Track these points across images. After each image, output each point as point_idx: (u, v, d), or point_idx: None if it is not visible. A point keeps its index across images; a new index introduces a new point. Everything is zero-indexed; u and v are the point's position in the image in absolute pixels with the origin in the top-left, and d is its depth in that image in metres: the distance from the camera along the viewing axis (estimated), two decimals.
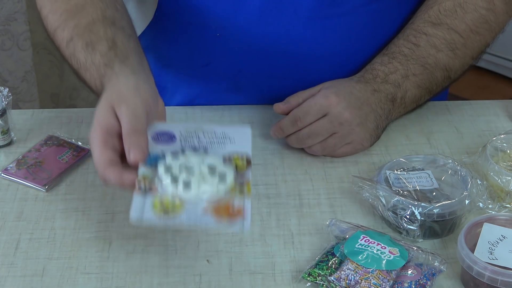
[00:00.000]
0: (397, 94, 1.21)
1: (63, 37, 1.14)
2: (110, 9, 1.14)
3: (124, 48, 1.09)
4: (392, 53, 1.22)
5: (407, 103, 1.22)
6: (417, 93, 1.22)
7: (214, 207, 0.95)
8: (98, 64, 1.08)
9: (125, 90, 1.02)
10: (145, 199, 0.95)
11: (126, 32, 1.13)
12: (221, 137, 1.04)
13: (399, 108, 1.22)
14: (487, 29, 1.22)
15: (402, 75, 1.21)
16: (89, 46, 1.10)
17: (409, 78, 1.21)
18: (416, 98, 1.23)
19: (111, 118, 1.00)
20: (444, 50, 1.21)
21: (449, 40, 1.21)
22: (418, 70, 1.21)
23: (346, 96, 1.18)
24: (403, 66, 1.21)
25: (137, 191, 0.95)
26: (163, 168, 0.97)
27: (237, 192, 0.97)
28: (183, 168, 0.97)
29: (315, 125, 1.17)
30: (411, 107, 1.24)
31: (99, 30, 1.11)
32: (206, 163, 0.98)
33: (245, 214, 0.94)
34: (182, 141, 1.03)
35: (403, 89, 1.21)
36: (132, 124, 0.98)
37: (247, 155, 1.01)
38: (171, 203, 0.95)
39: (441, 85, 1.24)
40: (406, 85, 1.21)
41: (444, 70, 1.22)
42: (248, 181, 0.99)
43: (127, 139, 0.98)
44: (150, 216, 0.93)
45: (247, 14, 1.21)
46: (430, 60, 1.21)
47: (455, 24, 1.21)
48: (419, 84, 1.22)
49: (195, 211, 0.94)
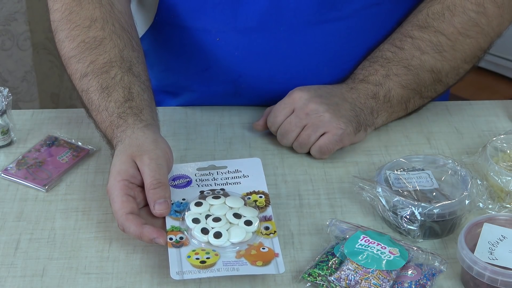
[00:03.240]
0: (379, 92, 1.20)
1: (77, 69, 1.15)
2: (127, 49, 1.16)
3: (139, 101, 1.11)
4: (374, 58, 1.23)
5: (393, 102, 1.21)
6: (404, 94, 1.22)
7: (246, 251, 0.99)
8: (111, 112, 1.10)
9: (145, 143, 1.05)
10: (180, 252, 0.98)
11: (142, 79, 1.14)
12: (234, 174, 1.10)
13: (385, 105, 1.21)
14: (479, 32, 1.21)
15: (383, 75, 1.21)
16: (105, 90, 1.12)
17: (391, 77, 1.21)
18: (403, 99, 1.22)
19: (132, 169, 1.03)
20: (429, 52, 1.20)
21: (435, 43, 1.20)
22: (401, 71, 1.21)
23: (311, 90, 1.19)
24: (383, 68, 1.21)
25: (170, 245, 0.99)
26: (191, 219, 1.02)
27: (263, 233, 1.01)
28: (210, 218, 1.02)
29: (283, 123, 1.19)
30: (399, 107, 1.23)
31: (116, 75, 1.12)
32: (231, 211, 1.03)
33: (277, 253, 0.98)
34: (199, 184, 1.08)
35: (386, 88, 1.21)
36: (156, 176, 1.02)
37: (264, 192, 1.07)
38: (205, 253, 0.98)
39: (432, 88, 1.23)
40: (389, 84, 1.21)
41: (432, 72, 1.21)
42: (271, 218, 1.03)
43: (151, 192, 1.02)
44: (190, 269, 0.96)
45: (247, 19, 1.21)
46: (414, 62, 1.21)
47: (442, 27, 1.20)
48: (403, 84, 1.21)
49: (229, 258, 0.98)
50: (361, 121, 1.19)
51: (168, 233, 1.00)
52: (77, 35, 1.16)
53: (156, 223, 1.02)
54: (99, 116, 1.11)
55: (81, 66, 1.14)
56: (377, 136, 1.25)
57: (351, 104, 1.19)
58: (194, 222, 1.01)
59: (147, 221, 1.00)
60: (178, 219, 1.02)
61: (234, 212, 1.03)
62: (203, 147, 1.23)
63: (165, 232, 1.00)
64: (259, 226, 1.02)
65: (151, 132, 1.08)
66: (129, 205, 1.00)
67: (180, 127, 1.28)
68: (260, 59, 1.24)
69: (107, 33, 1.15)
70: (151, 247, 1.04)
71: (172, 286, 0.99)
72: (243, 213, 1.03)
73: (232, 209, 1.03)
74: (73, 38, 1.16)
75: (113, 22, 1.17)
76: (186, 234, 1.00)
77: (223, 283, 0.99)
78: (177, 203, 1.04)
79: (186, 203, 1.04)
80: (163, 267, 1.01)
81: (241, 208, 1.03)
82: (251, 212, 1.03)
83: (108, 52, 1.14)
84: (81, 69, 1.14)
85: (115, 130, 1.09)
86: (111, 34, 1.15)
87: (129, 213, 1.00)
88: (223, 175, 1.10)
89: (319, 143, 1.17)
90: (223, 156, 1.21)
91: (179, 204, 1.04)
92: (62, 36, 1.18)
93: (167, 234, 1.00)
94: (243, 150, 1.22)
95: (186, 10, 1.22)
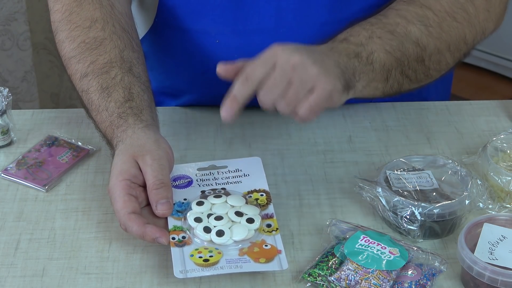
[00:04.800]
0: (362, 53, 1.08)
1: (78, 69, 1.15)
2: (127, 50, 1.15)
3: (139, 101, 1.11)
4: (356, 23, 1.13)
5: (375, 66, 1.09)
6: (386, 60, 1.10)
7: (248, 249, 0.99)
8: (111, 112, 1.10)
9: (147, 143, 1.05)
10: (183, 251, 0.98)
11: (142, 80, 1.14)
12: (235, 174, 1.10)
13: (367, 68, 1.08)
14: (465, 19, 1.16)
15: (366, 36, 1.10)
16: (105, 91, 1.11)
17: (374, 40, 1.10)
18: (386, 66, 1.10)
19: (133, 169, 1.03)
20: (415, 24, 1.13)
21: (421, 15, 1.14)
22: (385, 35, 1.11)
23: (293, 45, 1.05)
24: (366, 30, 1.11)
25: (172, 244, 0.99)
26: (193, 219, 1.02)
27: (265, 230, 1.01)
28: (212, 216, 1.02)
29: (266, 78, 1.02)
30: (381, 75, 1.11)
31: (117, 75, 1.12)
32: (232, 209, 1.03)
33: (280, 250, 0.98)
34: (200, 184, 1.08)
35: (369, 49, 1.09)
36: (158, 176, 1.02)
37: (265, 190, 1.07)
38: (208, 251, 0.98)
39: (414, 67, 1.14)
40: (372, 46, 1.09)
41: (417, 46, 1.13)
42: (272, 216, 1.04)
43: (153, 192, 1.02)
44: (193, 268, 0.96)
45: (247, 21, 1.21)
46: (399, 29, 1.12)
47: (429, 2, 1.15)
48: (387, 49, 1.10)
49: (232, 256, 0.98)
50: (347, 79, 1.05)
51: (171, 233, 1.00)
52: (78, 36, 1.16)
53: (158, 223, 1.02)
54: (99, 116, 1.11)
55: (81, 66, 1.14)
56: (377, 136, 1.25)
57: (335, 62, 1.05)
58: (196, 221, 1.01)
59: (149, 221, 1.00)
60: (180, 218, 1.02)
61: (235, 210, 1.03)
62: (203, 147, 1.23)
63: (168, 231, 1.00)
64: (261, 224, 1.02)
65: (152, 132, 1.08)
66: (131, 204, 1.00)
67: (180, 127, 1.28)
68: None
69: (108, 34, 1.15)
70: (151, 247, 1.04)
71: (172, 286, 0.99)
72: (244, 211, 1.03)
73: (233, 207, 1.03)
74: (73, 39, 1.16)
75: (114, 23, 1.17)
76: (188, 233, 1.01)
77: (223, 282, 0.99)
78: (178, 203, 1.04)
79: (188, 203, 1.05)
80: (163, 267, 1.01)
81: (243, 206, 1.04)
82: (252, 210, 1.03)
83: (109, 53, 1.14)
84: (81, 70, 1.14)
85: (115, 130, 1.09)
86: (112, 34, 1.15)
87: (131, 212, 1.00)
88: (223, 175, 1.10)
89: (308, 100, 1.01)
90: (223, 156, 1.21)
91: (181, 204, 1.04)
92: (62, 36, 1.18)
93: (169, 234, 1.00)
94: (243, 150, 1.22)
95: (186, 12, 1.22)
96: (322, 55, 1.05)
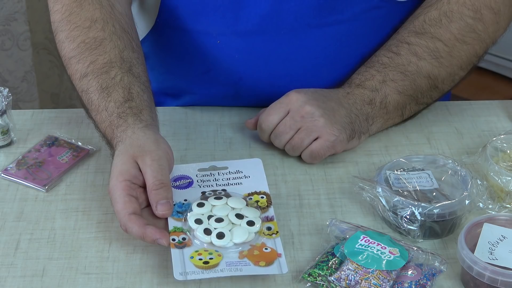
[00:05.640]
0: (376, 98, 1.19)
1: (77, 69, 1.15)
2: (127, 50, 1.16)
3: (139, 101, 1.11)
4: (370, 63, 1.22)
5: (389, 108, 1.20)
6: (400, 100, 1.21)
7: (248, 252, 0.99)
8: (111, 112, 1.10)
9: (147, 143, 1.05)
10: (183, 253, 0.98)
11: (142, 80, 1.14)
12: (235, 175, 1.10)
13: (380, 112, 1.20)
14: (475, 39, 1.21)
15: (379, 80, 1.20)
16: (105, 91, 1.11)
17: (387, 83, 1.20)
18: (399, 105, 1.21)
19: (133, 169, 1.03)
20: (426, 58, 1.20)
21: (432, 49, 1.20)
22: (398, 77, 1.20)
23: (308, 92, 1.18)
24: (380, 73, 1.20)
25: (172, 246, 0.99)
26: (193, 220, 1.01)
27: (265, 233, 1.01)
28: (212, 218, 1.02)
29: (279, 124, 1.17)
30: (395, 114, 1.22)
31: (116, 75, 1.12)
32: (233, 212, 1.03)
33: (280, 254, 0.98)
34: (200, 185, 1.08)
35: (382, 94, 1.19)
36: (158, 177, 1.02)
37: (265, 192, 1.07)
38: (208, 253, 0.98)
39: (428, 95, 1.23)
40: (385, 90, 1.19)
41: (428, 78, 1.21)
42: (273, 219, 1.04)
43: (153, 192, 1.02)
44: (193, 270, 0.96)
45: (248, 22, 1.21)
46: (410, 68, 1.20)
47: (439, 33, 1.20)
48: (399, 90, 1.20)
49: (232, 259, 0.98)
50: (356, 128, 1.18)
51: (171, 234, 1.00)
52: (77, 36, 1.16)
53: (159, 223, 1.02)
54: (99, 116, 1.11)
55: (81, 66, 1.14)
56: (377, 136, 1.25)
57: (347, 110, 1.18)
58: (197, 222, 1.01)
59: (149, 222, 1.00)
60: (180, 220, 1.02)
61: (236, 212, 1.03)
62: (203, 147, 1.23)
63: (168, 232, 1.00)
64: (261, 227, 1.02)
65: (151, 132, 1.08)
66: (132, 205, 1.00)
67: (180, 127, 1.28)
68: (261, 62, 1.24)
69: (107, 34, 1.15)
70: (151, 247, 1.04)
71: (172, 286, 0.99)
72: (245, 214, 1.03)
73: (234, 209, 1.03)
74: (73, 39, 1.16)
75: (114, 23, 1.17)
76: (188, 234, 1.00)
77: (223, 282, 0.99)
78: (179, 204, 1.04)
79: (188, 204, 1.04)
80: (163, 267, 1.01)
81: (243, 208, 1.04)
82: (253, 213, 1.03)
83: (108, 53, 1.14)
84: (81, 70, 1.14)
85: (115, 130, 1.09)
86: (111, 35, 1.15)
87: (132, 213, 1.00)
88: (224, 176, 1.10)
89: (311, 147, 1.16)
90: (223, 156, 1.21)
91: (181, 205, 1.04)
92: (62, 36, 1.18)
93: (169, 235, 1.00)
94: (243, 150, 1.22)
95: (187, 13, 1.22)
96: (335, 103, 1.17)
